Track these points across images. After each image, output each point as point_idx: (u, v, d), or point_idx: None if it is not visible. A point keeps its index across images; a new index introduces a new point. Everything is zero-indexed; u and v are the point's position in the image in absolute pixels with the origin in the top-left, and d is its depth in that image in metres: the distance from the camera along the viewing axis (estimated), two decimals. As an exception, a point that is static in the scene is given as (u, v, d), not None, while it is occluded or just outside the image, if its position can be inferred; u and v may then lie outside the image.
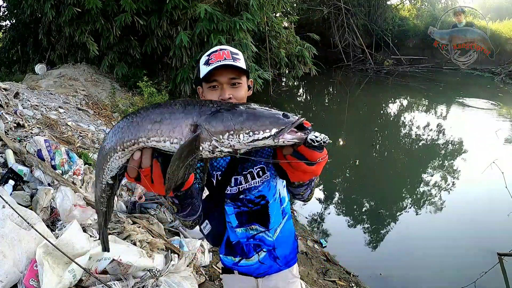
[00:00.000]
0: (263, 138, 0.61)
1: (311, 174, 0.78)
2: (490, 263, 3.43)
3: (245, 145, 0.61)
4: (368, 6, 15.74)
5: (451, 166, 6.27)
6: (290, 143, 0.64)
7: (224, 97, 1.10)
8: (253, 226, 1.23)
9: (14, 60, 8.50)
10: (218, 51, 1.13)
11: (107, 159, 0.72)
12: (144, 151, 0.69)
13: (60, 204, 2.26)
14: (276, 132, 0.61)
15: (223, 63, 1.09)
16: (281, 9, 8.06)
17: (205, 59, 1.15)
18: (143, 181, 0.72)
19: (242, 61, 1.16)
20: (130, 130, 0.66)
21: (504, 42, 13.88)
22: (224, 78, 1.11)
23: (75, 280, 1.78)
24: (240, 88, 1.14)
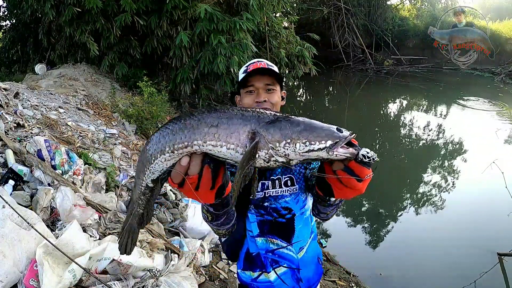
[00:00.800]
0: (318, 149, 0.62)
1: (358, 191, 0.75)
2: (490, 263, 3.43)
3: (299, 155, 0.62)
4: (368, 6, 15.74)
5: (451, 166, 6.27)
6: (343, 157, 0.65)
7: (259, 99, 1.20)
8: (274, 240, 1.18)
9: (14, 60, 8.49)
10: (256, 62, 1.27)
11: (151, 160, 0.69)
12: (193, 157, 0.66)
13: (60, 204, 2.26)
14: (331, 145, 0.62)
15: (259, 67, 1.22)
16: (281, 9, 8.06)
17: (243, 69, 1.27)
18: (186, 187, 0.70)
19: (277, 70, 1.27)
20: (184, 133, 0.64)
21: (504, 42, 13.88)
22: (260, 83, 1.21)
23: (75, 280, 1.78)
24: (274, 94, 1.22)
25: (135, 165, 3.89)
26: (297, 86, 13.01)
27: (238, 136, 0.62)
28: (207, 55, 5.77)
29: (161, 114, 5.21)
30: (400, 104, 11.48)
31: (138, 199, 0.79)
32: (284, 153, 0.61)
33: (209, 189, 0.71)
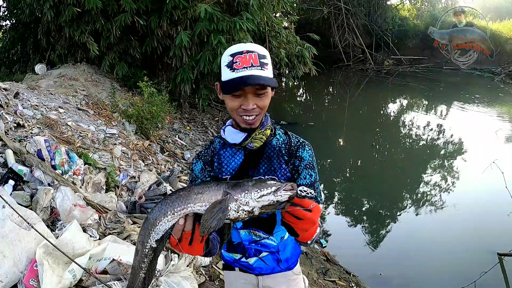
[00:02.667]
0: (267, 193, 0.83)
1: (311, 220, 0.89)
2: (490, 263, 3.43)
3: (256, 201, 0.83)
4: (368, 6, 15.75)
5: (451, 166, 6.27)
6: (286, 195, 0.84)
7: (247, 107, 1.07)
8: (256, 232, 1.24)
9: (14, 60, 8.49)
10: (244, 53, 1.04)
11: (156, 223, 0.90)
12: (187, 218, 0.89)
13: (60, 204, 2.26)
14: (275, 189, 0.84)
15: (250, 74, 1.02)
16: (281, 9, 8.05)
17: (228, 59, 1.05)
18: (183, 242, 0.91)
19: (269, 66, 1.08)
20: (180, 200, 0.89)
21: (504, 42, 13.88)
22: (250, 89, 1.06)
23: (75, 280, 1.78)
24: (265, 97, 1.09)
25: (135, 165, 3.89)
26: (297, 86, 13.01)
27: (216, 197, 0.87)
28: (207, 55, 5.76)
29: (161, 114, 5.21)
30: (400, 104, 11.48)
31: (141, 262, 0.96)
32: (245, 201, 0.84)
33: (199, 242, 0.92)
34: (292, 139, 1.23)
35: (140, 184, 3.33)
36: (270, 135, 1.21)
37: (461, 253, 3.77)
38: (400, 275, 3.46)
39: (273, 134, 1.22)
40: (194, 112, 7.46)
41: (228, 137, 1.18)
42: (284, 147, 1.21)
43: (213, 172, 1.22)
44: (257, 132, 1.15)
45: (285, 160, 1.20)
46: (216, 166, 1.22)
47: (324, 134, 7.84)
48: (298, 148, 1.21)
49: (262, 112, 1.12)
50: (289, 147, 1.21)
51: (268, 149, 1.20)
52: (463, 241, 3.97)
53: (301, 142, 1.22)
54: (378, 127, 8.62)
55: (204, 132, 6.83)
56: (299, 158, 1.20)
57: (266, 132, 1.18)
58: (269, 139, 1.20)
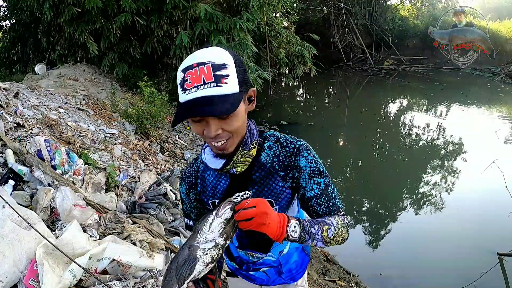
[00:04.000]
0: (212, 219, 0.84)
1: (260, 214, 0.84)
2: (490, 263, 3.43)
3: (212, 232, 0.84)
4: (368, 6, 15.74)
5: (451, 166, 6.27)
6: (228, 210, 0.83)
7: (210, 135, 0.87)
8: (253, 254, 1.16)
9: (14, 60, 8.49)
10: (195, 67, 0.83)
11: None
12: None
13: (60, 204, 2.26)
14: (215, 212, 0.84)
15: (202, 95, 0.81)
16: (281, 9, 8.05)
17: (180, 76, 0.86)
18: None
19: (231, 77, 0.84)
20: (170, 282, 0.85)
21: (504, 42, 13.88)
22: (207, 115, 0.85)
23: (75, 280, 1.78)
24: (232, 120, 0.87)
25: (135, 165, 3.89)
26: (297, 86, 13.01)
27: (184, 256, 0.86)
28: (207, 55, 5.76)
29: (161, 114, 5.21)
30: (400, 104, 11.48)
31: None
32: (204, 240, 0.84)
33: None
34: (286, 146, 1.01)
35: (140, 184, 3.33)
36: (258, 151, 1.01)
37: (461, 253, 3.77)
38: (400, 275, 3.46)
39: (261, 149, 1.02)
40: (194, 112, 7.45)
41: (208, 161, 1.01)
42: (277, 161, 1.01)
43: (198, 195, 1.11)
44: (239, 155, 0.96)
45: (281, 176, 1.01)
46: (200, 189, 1.09)
47: (324, 134, 7.84)
48: (295, 156, 1.00)
49: (234, 135, 0.91)
50: (283, 159, 1.00)
51: (258, 168, 1.01)
52: (463, 241, 3.97)
53: (297, 148, 1.00)
54: (378, 127, 8.62)
55: (204, 132, 6.82)
56: (298, 168, 1.00)
57: (251, 152, 0.98)
58: (256, 156, 1.01)
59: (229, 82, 0.83)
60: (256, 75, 6.14)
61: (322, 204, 1.03)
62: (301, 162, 1.00)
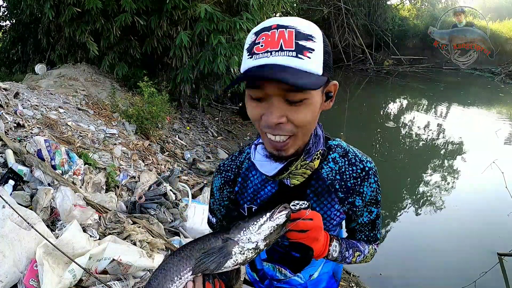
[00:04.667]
0: (264, 222, 0.76)
1: (315, 229, 0.78)
2: (490, 263, 3.43)
3: (257, 234, 0.77)
4: (368, 6, 15.75)
5: (451, 166, 6.27)
6: (283, 215, 0.75)
7: (268, 119, 0.68)
8: (283, 270, 1.01)
9: (14, 60, 8.48)
10: (274, 28, 0.64)
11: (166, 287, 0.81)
12: (196, 279, 0.78)
13: (60, 204, 2.26)
14: (270, 214, 0.77)
15: (274, 63, 0.63)
16: (281, 9, 8.06)
17: (250, 40, 0.68)
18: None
19: (317, 53, 0.65)
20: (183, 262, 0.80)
21: (504, 42, 13.88)
22: (274, 88, 0.65)
23: (75, 280, 1.78)
24: (302, 108, 0.68)
25: (135, 165, 3.89)
26: (297, 86, 12.99)
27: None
28: (207, 55, 5.77)
29: (161, 114, 5.21)
30: (400, 104, 11.48)
31: None
32: (247, 239, 0.77)
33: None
34: (353, 165, 0.86)
35: (140, 184, 3.33)
36: (319, 163, 0.84)
37: (461, 253, 3.77)
38: (400, 275, 3.46)
39: (325, 159, 0.86)
40: (194, 112, 7.46)
41: (257, 163, 0.83)
42: (339, 179, 0.85)
43: (233, 195, 0.95)
44: (298, 165, 0.80)
45: (339, 198, 0.86)
46: (238, 189, 0.93)
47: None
48: (362, 180, 0.86)
49: (299, 133, 0.72)
50: (347, 179, 0.86)
51: (315, 183, 0.86)
52: (463, 241, 3.97)
53: (366, 171, 0.86)
54: (378, 127, 8.62)
55: (204, 132, 6.83)
56: (360, 194, 0.87)
57: (313, 164, 0.82)
58: (317, 168, 0.85)
59: (312, 58, 0.65)
60: (256, 75, 6.13)
61: (364, 232, 0.98)
62: (365, 188, 0.87)
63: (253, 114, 0.71)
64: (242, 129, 7.58)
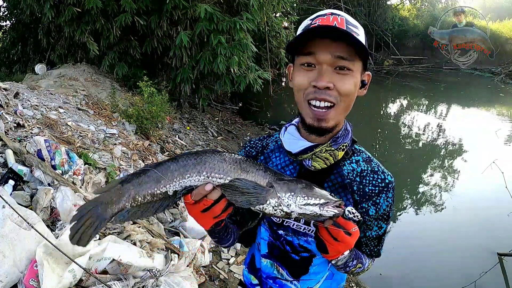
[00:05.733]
0: (313, 204, 0.74)
1: (346, 245, 0.79)
2: (490, 263, 3.43)
3: (298, 207, 0.75)
4: (368, 6, 15.76)
5: (451, 166, 6.27)
6: (332, 213, 0.74)
7: (319, 83, 0.76)
8: (280, 269, 1.00)
9: (14, 60, 8.48)
10: (328, 15, 0.77)
11: (184, 176, 0.77)
12: (219, 187, 0.76)
13: (60, 204, 2.26)
14: (323, 202, 0.74)
15: (330, 26, 0.74)
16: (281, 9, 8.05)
17: (306, 24, 0.81)
18: (198, 206, 0.76)
19: (361, 38, 0.77)
20: (221, 167, 0.77)
21: (504, 42, 13.89)
22: (326, 54, 0.75)
23: (75, 280, 1.78)
24: (348, 77, 0.77)
25: (135, 165, 3.89)
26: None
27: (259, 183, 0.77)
28: (207, 55, 5.77)
29: (161, 114, 5.21)
30: (400, 104, 11.48)
31: (137, 196, 0.78)
32: (287, 203, 0.75)
33: (213, 217, 0.78)
34: (375, 173, 0.89)
35: (140, 184, 3.32)
36: (342, 159, 0.88)
37: (461, 253, 3.77)
38: (400, 275, 3.46)
39: (348, 158, 0.90)
40: (194, 112, 7.47)
41: (285, 141, 0.89)
42: (358, 181, 0.88)
43: None
44: (323, 148, 0.84)
45: (354, 200, 0.88)
46: None
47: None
48: (380, 191, 0.88)
49: (341, 106, 0.80)
50: (366, 184, 0.88)
51: (334, 178, 0.88)
52: (463, 241, 3.97)
53: (386, 184, 0.89)
54: (378, 127, 8.62)
55: (204, 132, 6.83)
56: (375, 205, 0.89)
57: (337, 153, 0.85)
58: (340, 163, 0.88)
59: (359, 38, 0.76)
60: (256, 75, 6.14)
61: (369, 247, 0.98)
62: (381, 200, 0.89)
63: (302, 81, 0.79)
64: (242, 129, 7.58)
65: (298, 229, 0.94)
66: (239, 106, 8.73)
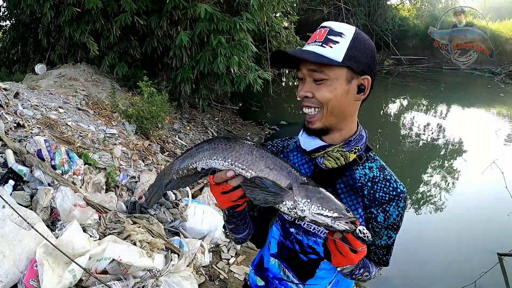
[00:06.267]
0: (326, 215, 0.76)
1: (349, 260, 0.81)
2: (490, 263, 3.43)
3: (311, 215, 0.77)
4: (368, 6, 15.75)
5: (451, 166, 6.27)
6: (343, 228, 0.76)
7: (299, 94, 0.88)
8: (286, 271, 1.02)
9: (14, 60, 8.49)
10: (319, 28, 0.87)
11: (212, 157, 0.83)
12: (239, 176, 0.79)
13: (60, 204, 2.26)
14: (336, 216, 0.76)
15: (304, 49, 0.86)
16: (281, 9, 8.05)
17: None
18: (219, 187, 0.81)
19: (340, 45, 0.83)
20: (246, 159, 0.80)
21: (504, 42, 13.89)
22: (304, 69, 0.86)
23: (75, 280, 1.78)
24: (323, 86, 0.84)
25: (135, 165, 3.89)
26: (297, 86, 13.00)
27: (281, 182, 0.79)
28: (207, 55, 5.77)
29: (161, 114, 5.21)
30: (400, 104, 11.48)
31: (180, 170, 0.90)
32: (302, 208, 0.77)
33: (230, 201, 0.83)
34: (388, 181, 0.92)
35: (140, 184, 3.33)
36: (355, 163, 0.92)
37: (461, 253, 3.77)
38: (400, 275, 3.46)
39: (361, 163, 0.93)
40: (194, 112, 7.47)
41: (301, 140, 0.95)
42: (370, 186, 0.92)
43: None
44: (334, 148, 0.90)
45: (364, 205, 0.92)
46: None
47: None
48: (391, 199, 0.91)
49: (325, 111, 0.86)
50: (377, 190, 0.91)
51: (346, 180, 0.92)
52: (463, 241, 3.97)
53: (398, 193, 0.92)
54: (378, 127, 8.62)
55: (204, 132, 6.83)
56: (386, 213, 0.92)
57: (349, 154, 0.90)
58: (353, 167, 0.93)
59: (334, 48, 0.83)
60: (256, 75, 6.14)
61: (378, 255, 1.02)
62: (391, 208, 0.92)
63: (299, 92, 0.90)
64: (242, 129, 7.58)
65: (308, 229, 0.96)
66: (239, 106, 8.73)
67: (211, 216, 3.01)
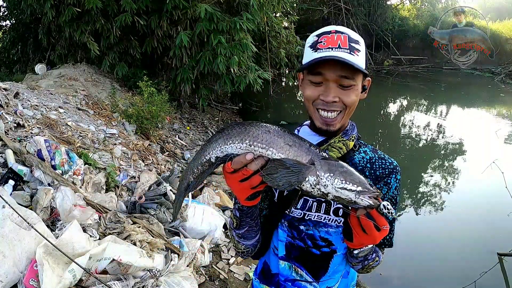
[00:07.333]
0: (350, 190, 0.74)
1: (373, 239, 0.81)
2: (490, 263, 3.43)
3: (335, 190, 0.75)
4: (368, 6, 15.74)
5: (451, 166, 6.27)
6: (367, 203, 0.75)
7: (326, 98, 0.88)
8: (299, 271, 1.01)
9: (14, 60, 8.48)
10: (332, 33, 0.87)
11: (227, 143, 0.80)
12: (258, 158, 0.77)
13: (60, 204, 2.26)
14: (360, 190, 0.74)
15: (334, 55, 0.84)
16: (281, 9, 8.04)
17: (312, 40, 0.90)
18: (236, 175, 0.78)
19: (362, 54, 0.88)
20: (265, 138, 0.78)
21: (504, 42, 13.90)
22: (332, 75, 0.87)
23: (75, 280, 1.78)
24: (351, 92, 0.88)
25: (135, 165, 3.89)
26: (297, 86, 12.99)
27: (301, 158, 0.78)
28: (207, 55, 5.76)
29: (161, 114, 5.21)
30: (400, 104, 11.48)
31: (195, 168, 0.88)
32: (325, 183, 0.75)
33: (250, 188, 0.79)
34: (383, 159, 1.01)
35: (140, 184, 3.33)
36: (352, 150, 0.98)
37: (461, 253, 3.77)
38: (400, 275, 3.46)
39: (357, 150, 1.00)
40: (194, 112, 7.47)
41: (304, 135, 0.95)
42: (369, 167, 0.99)
43: None
44: (336, 139, 0.95)
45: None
46: None
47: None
48: (390, 172, 1.00)
49: (346, 112, 0.91)
50: (376, 168, 0.99)
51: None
52: (463, 241, 3.97)
53: (394, 166, 1.01)
54: (378, 127, 8.62)
55: (204, 132, 6.83)
56: (388, 185, 0.99)
57: (349, 143, 0.96)
58: (351, 154, 0.98)
59: (359, 56, 0.88)
60: (256, 75, 6.14)
61: None
62: (392, 180, 1.00)
63: (312, 95, 0.91)
64: (242, 129, 7.57)
65: (319, 220, 0.98)
66: (239, 106, 8.73)
67: (211, 216, 3.01)
